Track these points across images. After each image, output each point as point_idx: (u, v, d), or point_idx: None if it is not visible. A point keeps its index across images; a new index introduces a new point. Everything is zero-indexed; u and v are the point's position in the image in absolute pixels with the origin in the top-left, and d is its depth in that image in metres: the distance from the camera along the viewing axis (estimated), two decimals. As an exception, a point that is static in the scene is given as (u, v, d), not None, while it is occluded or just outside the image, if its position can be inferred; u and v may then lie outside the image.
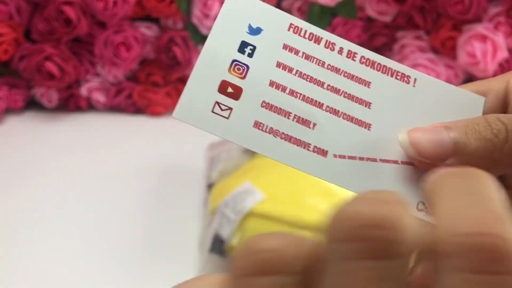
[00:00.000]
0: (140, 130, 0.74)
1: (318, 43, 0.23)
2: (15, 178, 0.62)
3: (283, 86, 0.22)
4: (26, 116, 0.75)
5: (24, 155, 0.66)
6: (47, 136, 0.70)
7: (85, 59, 0.74)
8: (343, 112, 0.23)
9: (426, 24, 0.73)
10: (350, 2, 0.72)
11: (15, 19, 0.71)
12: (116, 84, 0.76)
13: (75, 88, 0.75)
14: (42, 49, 0.69)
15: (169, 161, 0.64)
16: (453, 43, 0.72)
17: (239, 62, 0.22)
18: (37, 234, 0.52)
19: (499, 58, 0.69)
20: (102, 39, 0.71)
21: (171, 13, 0.72)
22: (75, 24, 0.68)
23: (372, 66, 0.23)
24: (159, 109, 0.76)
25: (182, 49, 0.73)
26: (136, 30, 0.72)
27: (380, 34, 0.75)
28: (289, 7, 0.74)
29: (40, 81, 0.70)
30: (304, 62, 0.23)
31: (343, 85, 0.23)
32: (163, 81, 0.76)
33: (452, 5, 0.69)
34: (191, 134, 0.72)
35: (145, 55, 0.75)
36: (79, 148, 0.68)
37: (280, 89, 0.22)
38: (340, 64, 0.23)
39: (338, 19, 0.73)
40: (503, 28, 0.71)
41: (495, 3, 0.71)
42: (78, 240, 0.52)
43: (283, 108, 0.22)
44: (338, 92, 0.23)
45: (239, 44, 0.23)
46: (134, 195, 0.58)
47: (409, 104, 0.23)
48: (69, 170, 0.63)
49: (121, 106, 0.77)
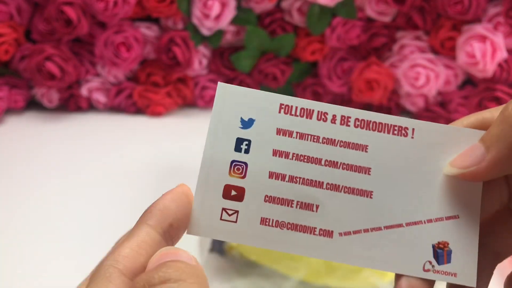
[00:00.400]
0: (140, 130, 0.74)
1: (310, 117, 0.23)
2: (15, 178, 0.62)
3: (282, 175, 0.23)
4: (26, 116, 0.76)
5: (24, 155, 0.66)
6: (48, 136, 0.71)
7: (86, 59, 0.74)
8: (344, 186, 0.23)
9: (425, 24, 0.73)
10: (350, 2, 0.73)
11: (15, 19, 0.71)
12: (116, 84, 0.76)
13: (75, 88, 0.75)
14: (43, 49, 0.70)
15: (169, 161, 0.64)
16: (453, 43, 0.72)
17: (237, 162, 0.23)
18: (37, 234, 0.53)
19: (498, 58, 0.69)
20: (102, 39, 0.71)
21: (171, 13, 0.72)
22: (75, 24, 0.68)
23: (367, 127, 0.23)
24: (159, 109, 0.76)
25: (182, 49, 0.73)
26: (137, 31, 0.72)
27: (380, 35, 0.75)
28: (289, 7, 0.74)
29: (41, 81, 0.70)
30: (299, 143, 0.23)
31: (340, 156, 0.23)
32: (163, 81, 0.76)
33: (452, 5, 0.70)
34: (191, 134, 0.73)
35: (145, 55, 0.75)
36: (80, 148, 0.68)
37: (280, 178, 0.23)
38: (335, 134, 0.23)
39: (337, 19, 0.73)
40: (502, 28, 0.71)
41: (495, 3, 0.72)
42: (78, 240, 0.52)
43: (285, 197, 0.23)
44: (336, 165, 0.23)
45: (234, 143, 0.23)
46: (134, 195, 0.58)
47: (410, 157, 0.23)
48: (69, 170, 0.63)
49: (122, 106, 0.77)
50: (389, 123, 0.23)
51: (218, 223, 0.22)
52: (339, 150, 0.23)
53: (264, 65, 0.76)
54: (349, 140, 0.23)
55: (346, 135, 0.23)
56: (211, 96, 0.78)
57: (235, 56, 0.76)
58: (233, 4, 0.72)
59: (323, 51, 0.76)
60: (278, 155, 0.23)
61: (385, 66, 0.75)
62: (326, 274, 0.45)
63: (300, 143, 0.23)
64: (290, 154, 0.23)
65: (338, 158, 0.23)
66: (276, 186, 0.23)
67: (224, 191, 0.23)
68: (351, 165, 0.23)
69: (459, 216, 0.23)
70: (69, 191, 0.59)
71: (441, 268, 0.23)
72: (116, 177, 0.62)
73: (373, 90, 0.74)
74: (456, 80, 0.75)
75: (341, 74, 0.77)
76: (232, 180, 0.23)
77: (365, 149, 0.23)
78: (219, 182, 0.23)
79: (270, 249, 0.22)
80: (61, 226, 0.54)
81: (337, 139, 0.23)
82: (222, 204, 0.23)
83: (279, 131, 0.23)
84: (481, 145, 0.22)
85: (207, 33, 0.73)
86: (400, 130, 0.23)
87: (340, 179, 0.23)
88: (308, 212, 0.23)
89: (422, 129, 0.23)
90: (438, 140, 0.23)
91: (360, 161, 0.23)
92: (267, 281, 0.46)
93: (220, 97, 0.23)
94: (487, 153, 0.21)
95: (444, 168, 0.23)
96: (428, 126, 0.23)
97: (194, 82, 0.78)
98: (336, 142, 0.23)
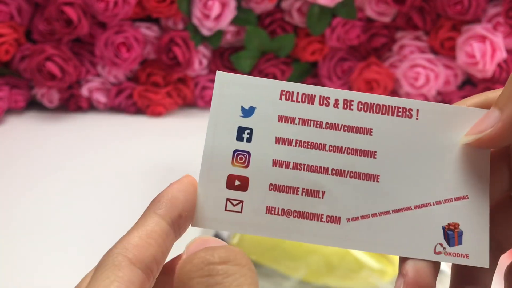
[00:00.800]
0: (140, 130, 0.74)
1: (312, 102, 0.23)
2: (15, 178, 0.62)
3: (286, 162, 0.22)
4: (27, 116, 0.76)
5: (24, 155, 0.66)
6: (48, 136, 0.71)
7: (86, 60, 0.75)
8: (349, 171, 0.22)
9: (425, 24, 0.73)
10: (350, 2, 0.73)
11: (16, 19, 0.71)
12: (116, 84, 0.76)
13: (75, 88, 0.75)
14: (43, 50, 0.70)
15: (169, 161, 0.64)
16: (452, 43, 0.72)
17: (240, 151, 0.22)
18: (38, 234, 0.53)
19: (498, 58, 0.70)
20: (102, 40, 0.71)
21: (171, 13, 0.72)
22: (75, 24, 0.68)
23: (370, 110, 0.23)
24: (159, 109, 0.76)
25: (182, 50, 0.73)
26: (137, 31, 0.72)
27: (380, 35, 0.75)
28: (289, 8, 0.74)
29: (41, 81, 0.71)
30: (302, 129, 0.23)
31: (345, 141, 0.23)
32: (164, 82, 0.77)
33: (451, 5, 0.70)
34: (191, 134, 0.73)
35: (145, 55, 0.76)
36: (80, 148, 0.68)
37: (284, 166, 0.22)
38: (338, 118, 0.23)
39: (337, 19, 0.73)
40: (502, 28, 0.71)
41: (494, 3, 0.72)
42: (78, 239, 0.52)
43: (290, 184, 0.22)
44: (341, 150, 0.23)
45: (236, 132, 0.23)
46: (134, 195, 0.58)
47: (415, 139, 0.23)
48: (69, 170, 0.63)
49: (122, 106, 0.77)
50: (393, 105, 0.23)
51: (223, 214, 0.22)
52: (343, 135, 0.23)
53: (264, 65, 0.76)
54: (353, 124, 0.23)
55: (349, 119, 0.23)
56: (211, 96, 0.78)
57: (235, 56, 0.76)
58: (233, 5, 0.72)
59: (323, 51, 0.76)
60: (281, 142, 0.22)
61: (385, 66, 0.75)
62: (326, 274, 0.46)
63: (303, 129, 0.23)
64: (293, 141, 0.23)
65: (342, 143, 0.23)
66: (280, 174, 0.22)
67: (228, 181, 0.22)
68: (356, 149, 0.23)
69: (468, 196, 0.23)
70: (69, 191, 0.60)
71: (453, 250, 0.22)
72: (116, 177, 0.62)
73: (372, 90, 0.74)
74: (455, 80, 0.75)
75: (341, 74, 0.77)
76: (235, 169, 0.22)
77: (370, 132, 0.23)
78: (222, 173, 0.22)
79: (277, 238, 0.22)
80: (61, 226, 0.54)
81: (340, 124, 0.23)
82: (226, 195, 0.22)
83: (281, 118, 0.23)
84: (494, 109, 0.21)
85: (207, 33, 0.73)
86: (404, 112, 0.23)
87: (346, 164, 0.22)
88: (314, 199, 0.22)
89: (427, 109, 0.23)
90: (443, 120, 0.23)
91: (365, 145, 0.23)
92: (267, 281, 0.46)
93: (220, 86, 0.23)
94: (501, 114, 0.21)
95: (460, 139, 0.23)
96: (433, 106, 0.23)
97: (194, 82, 0.78)
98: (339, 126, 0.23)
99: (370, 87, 0.74)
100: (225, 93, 0.23)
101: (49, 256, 0.50)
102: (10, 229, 0.53)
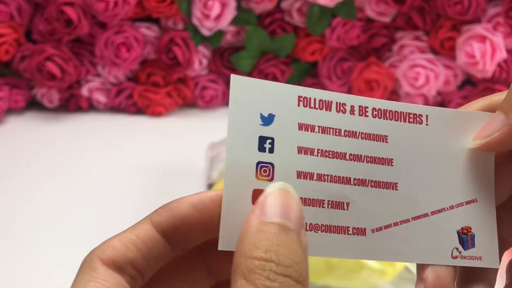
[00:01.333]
0: (140, 130, 0.74)
1: (330, 109, 0.22)
2: (15, 178, 0.62)
3: (310, 173, 0.21)
4: (27, 116, 0.76)
5: (24, 155, 0.66)
6: (48, 136, 0.71)
7: (86, 60, 0.75)
8: (370, 180, 0.22)
9: (425, 24, 0.74)
10: (350, 2, 0.73)
11: (16, 19, 0.71)
12: (116, 84, 0.76)
13: (75, 89, 0.75)
14: (43, 50, 0.70)
15: (169, 161, 0.64)
16: (452, 43, 0.72)
17: (263, 163, 0.21)
18: (38, 234, 0.53)
19: (498, 58, 0.70)
20: (102, 40, 0.71)
21: (171, 13, 0.72)
22: (75, 24, 0.68)
23: (384, 117, 0.22)
24: (159, 109, 0.76)
25: (182, 50, 0.73)
26: (137, 31, 0.72)
27: (380, 35, 0.75)
28: (289, 8, 0.74)
29: (41, 81, 0.71)
30: (322, 137, 0.22)
31: (363, 149, 0.22)
32: (164, 82, 0.77)
33: (451, 5, 0.70)
34: (191, 134, 0.73)
35: (145, 55, 0.76)
36: (80, 148, 0.68)
37: (308, 177, 0.21)
38: (355, 125, 0.22)
39: (337, 19, 0.73)
40: (502, 28, 0.71)
41: (494, 3, 0.72)
42: (78, 239, 0.52)
43: (316, 197, 0.21)
44: (360, 158, 0.22)
45: (257, 142, 0.21)
46: (134, 195, 0.59)
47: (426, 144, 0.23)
48: (69, 170, 0.64)
49: (122, 106, 0.77)
50: (404, 111, 0.23)
51: None
52: (361, 143, 0.22)
53: (264, 65, 0.77)
54: (369, 131, 0.22)
55: (365, 126, 0.22)
56: (211, 96, 0.78)
57: (235, 56, 0.76)
58: (233, 5, 0.72)
59: (323, 51, 0.76)
60: (303, 152, 0.21)
61: (385, 66, 0.75)
62: (326, 274, 0.46)
63: (323, 137, 0.22)
64: (315, 150, 0.21)
65: (361, 151, 0.22)
66: (305, 187, 0.21)
67: (254, 197, 0.20)
68: (374, 157, 0.22)
69: (477, 200, 0.23)
70: (69, 191, 0.60)
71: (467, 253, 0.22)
72: (116, 177, 0.62)
73: (372, 90, 0.74)
74: (455, 80, 0.75)
75: (341, 74, 0.77)
76: (260, 183, 0.20)
77: (385, 139, 0.22)
78: (247, 188, 0.20)
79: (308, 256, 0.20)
80: (61, 226, 0.54)
81: (358, 131, 0.22)
82: None
83: (301, 126, 0.21)
84: (500, 113, 0.22)
85: (207, 34, 0.73)
86: (415, 118, 0.23)
87: (366, 173, 0.22)
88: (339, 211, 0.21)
89: (435, 115, 0.23)
90: (451, 125, 0.23)
91: (382, 153, 0.22)
92: (267, 280, 0.46)
93: (236, 91, 0.21)
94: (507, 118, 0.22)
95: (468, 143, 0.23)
96: (441, 111, 0.23)
97: (194, 82, 0.78)
98: (357, 134, 0.22)
99: (370, 87, 0.74)
100: (243, 99, 0.21)
101: (49, 256, 0.50)
102: (10, 229, 0.53)
